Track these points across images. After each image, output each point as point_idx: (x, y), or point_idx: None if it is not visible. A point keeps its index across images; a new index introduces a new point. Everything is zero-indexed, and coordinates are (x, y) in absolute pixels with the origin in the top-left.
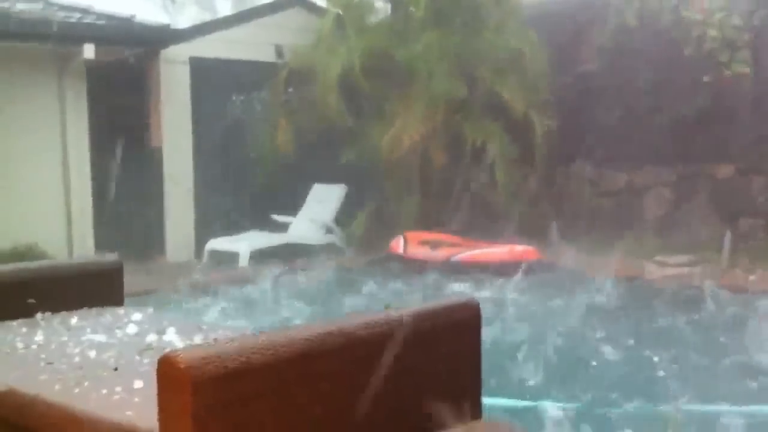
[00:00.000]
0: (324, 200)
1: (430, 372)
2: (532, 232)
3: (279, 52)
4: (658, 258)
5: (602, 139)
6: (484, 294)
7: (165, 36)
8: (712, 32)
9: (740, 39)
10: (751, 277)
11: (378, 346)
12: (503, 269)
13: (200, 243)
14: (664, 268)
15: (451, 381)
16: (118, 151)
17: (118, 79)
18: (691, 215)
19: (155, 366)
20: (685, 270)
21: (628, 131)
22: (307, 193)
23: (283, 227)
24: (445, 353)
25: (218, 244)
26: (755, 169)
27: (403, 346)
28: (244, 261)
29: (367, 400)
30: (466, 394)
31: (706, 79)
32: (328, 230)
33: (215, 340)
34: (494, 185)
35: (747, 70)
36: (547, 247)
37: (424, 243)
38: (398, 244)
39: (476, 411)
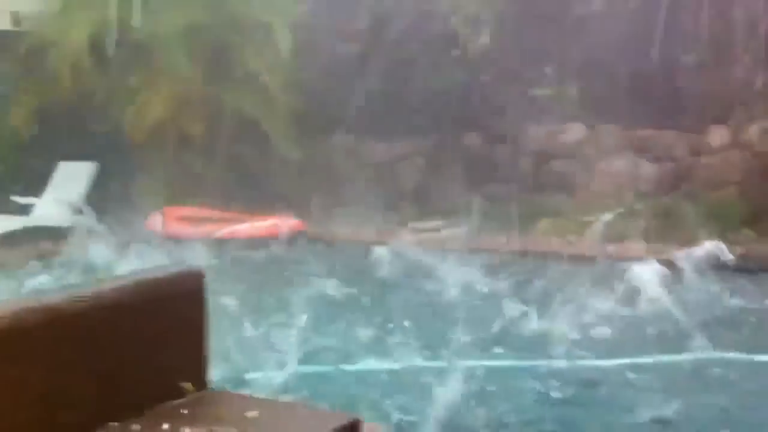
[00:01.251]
0: (71, 179)
1: (150, 344)
2: (296, 204)
3: (16, 19)
4: (411, 224)
5: (362, 111)
6: None
7: None
8: (458, 8)
9: (484, 15)
10: (497, 238)
11: (87, 320)
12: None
13: None
14: (418, 234)
15: (173, 352)
16: None
17: None
18: (444, 182)
19: None
20: (436, 234)
21: (386, 104)
22: (52, 172)
23: (26, 209)
24: (165, 324)
25: None
26: (499, 137)
27: (116, 318)
28: None
29: (79, 376)
30: (191, 365)
31: (454, 53)
32: (78, 211)
33: None
34: (257, 157)
35: (487, 41)
36: (311, 219)
37: (184, 219)
38: (155, 222)
39: (201, 382)
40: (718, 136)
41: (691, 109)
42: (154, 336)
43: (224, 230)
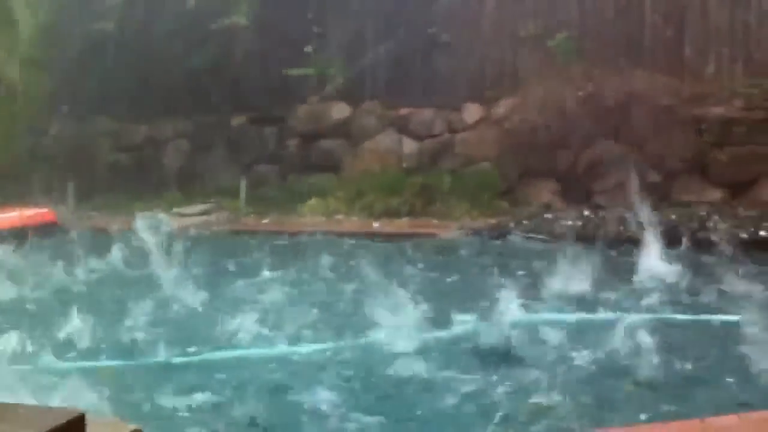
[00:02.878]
0: None
1: None
2: (47, 193)
3: None
4: (175, 209)
5: (121, 93)
6: None
7: None
8: None
9: None
10: (264, 220)
11: None
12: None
13: None
14: (182, 219)
15: None
16: None
17: None
18: (210, 165)
19: None
20: (202, 218)
21: (146, 84)
22: None
23: None
24: None
25: None
26: (265, 117)
27: None
28: None
29: None
30: None
31: (212, 27)
32: None
33: None
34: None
35: (244, 20)
36: (65, 208)
37: None
38: None
39: None
40: (472, 113)
41: (448, 87)
42: None
43: None
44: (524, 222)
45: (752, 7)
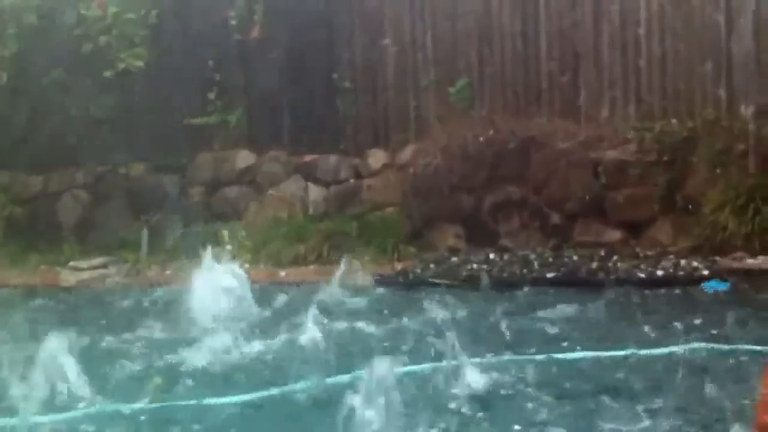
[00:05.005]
0: None
1: None
2: None
3: None
4: (72, 263)
5: (13, 144)
6: None
7: None
8: (113, 30)
9: (137, 35)
10: (167, 272)
11: None
12: None
13: None
14: (79, 273)
15: None
16: None
17: None
18: (109, 216)
19: None
20: (101, 272)
21: (40, 134)
22: None
23: None
24: None
25: None
26: (165, 166)
27: None
28: None
29: None
30: None
31: (107, 74)
32: None
33: None
34: None
35: (141, 63)
36: None
37: None
38: None
39: None
40: (377, 158)
41: (352, 133)
42: None
43: None
44: (431, 266)
45: (643, 53)
